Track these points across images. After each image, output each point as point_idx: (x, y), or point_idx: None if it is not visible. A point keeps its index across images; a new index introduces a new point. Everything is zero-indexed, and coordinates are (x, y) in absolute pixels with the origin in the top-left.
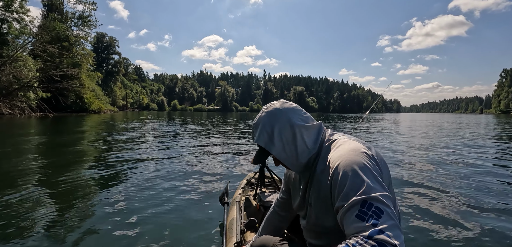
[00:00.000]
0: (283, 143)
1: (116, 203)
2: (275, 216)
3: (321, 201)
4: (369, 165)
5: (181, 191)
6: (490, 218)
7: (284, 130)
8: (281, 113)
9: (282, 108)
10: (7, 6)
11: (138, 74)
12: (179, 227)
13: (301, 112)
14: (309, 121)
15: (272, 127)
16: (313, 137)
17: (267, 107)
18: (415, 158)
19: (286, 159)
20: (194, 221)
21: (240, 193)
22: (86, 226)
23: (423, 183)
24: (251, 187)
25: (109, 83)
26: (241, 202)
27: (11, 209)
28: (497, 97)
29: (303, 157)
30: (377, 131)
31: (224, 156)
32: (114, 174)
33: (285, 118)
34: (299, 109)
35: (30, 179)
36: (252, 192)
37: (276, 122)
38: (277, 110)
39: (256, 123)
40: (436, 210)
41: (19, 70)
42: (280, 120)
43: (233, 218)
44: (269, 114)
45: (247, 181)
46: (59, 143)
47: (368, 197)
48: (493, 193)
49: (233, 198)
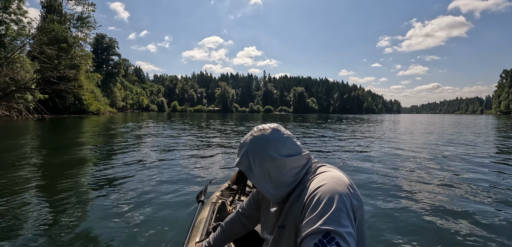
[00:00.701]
0: (264, 173)
1: (113, 203)
2: (238, 221)
3: (295, 225)
4: (346, 199)
5: (164, 189)
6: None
7: (266, 162)
8: (267, 143)
9: (270, 137)
10: (5, 8)
11: (138, 75)
12: (149, 222)
13: (290, 144)
14: (296, 153)
15: (254, 155)
16: (296, 171)
17: (256, 132)
18: (417, 160)
19: (264, 189)
20: (168, 217)
21: (218, 195)
22: (74, 227)
23: (427, 186)
24: (231, 192)
25: (108, 84)
26: (216, 204)
27: (7, 212)
28: (498, 98)
29: (281, 190)
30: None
31: (216, 157)
32: (105, 176)
33: (270, 149)
34: (289, 140)
35: (24, 182)
36: (231, 198)
37: (260, 151)
38: (264, 138)
39: (242, 144)
40: (440, 210)
41: (16, 71)
42: (264, 149)
43: (203, 218)
44: (255, 141)
45: (228, 185)
46: (54, 146)
47: (332, 231)
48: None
49: (210, 199)
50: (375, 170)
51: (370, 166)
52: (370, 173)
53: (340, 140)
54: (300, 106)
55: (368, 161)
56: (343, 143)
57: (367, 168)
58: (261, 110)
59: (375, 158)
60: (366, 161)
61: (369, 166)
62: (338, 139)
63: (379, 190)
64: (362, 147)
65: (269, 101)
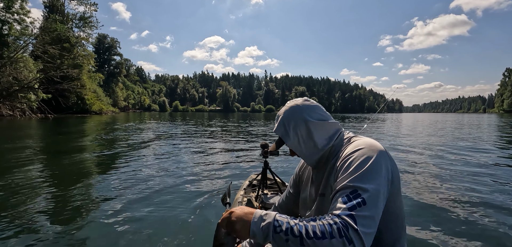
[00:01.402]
0: (298, 137)
1: (116, 203)
2: None
3: (332, 190)
4: (378, 160)
5: (184, 193)
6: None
7: (299, 126)
8: (299, 109)
9: (302, 105)
10: (8, 7)
11: (139, 75)
12: (179, 228)
13: (320, 111)
14: (327, 120)
15: (289, 121)
16: (327, 135)
17: (290, 103)
18: (421, 158)
19: (299, 151)
20: (196, 223)
21: (242, 194)
22: (76, 230)
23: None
24: (253, 189)
25: (110, 84)
26: (243, 203)
27: (10, 212)
28: (500, 96)
29: (315, 152)
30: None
31: (227, 157)
32: (115, 176)
33: (302, 115)
34: (318, 107)
35: (27, 182)
36: (254, 194)
37: (293, 117)
38: (297, 107)
39: (278, 115)
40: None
41: (19, 71)
42: (297, 115)
43: None
44: (289, 109)
45: (249, 182)
46: (58, 145)
47: (360, 188)
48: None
49: (235, 199)
50: None
51: None
52: None
53: None
54: None
55: None
56: None
57: None
58: (263, 109)
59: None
60: None
61: None
62: None
63: None
64: None
65: (270, 101)
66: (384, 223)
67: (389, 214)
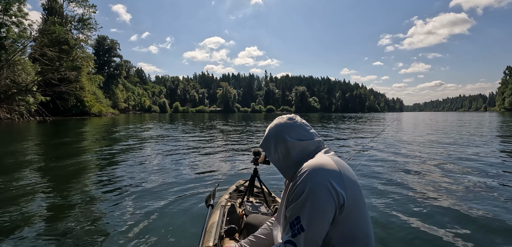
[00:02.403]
0: (278, 154)
1: (103, 206)
2: (270, 230)
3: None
4: (317, 188)
5: (171, 193)
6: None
7: (279, 144)
8: (282, 128)
9: (284, 123)
10: (5, 10)
11: (139, 77)
12: (159, 228)
13: (302, 130)
14: (306, 139)
15: (271, 139)
16: (301, 153)
17: (276, 120)
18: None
19: (279, 166)
20: (177, 222)
21: (226, 198)
22: (77, 232)
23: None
24: (239, 194)
25: (110, 86)
26: (225, 207)
27: (10, 214)
28: (501, 94)
29: (288, 169)
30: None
31: (219, 159)
32: (109, 180)
33: (282, 135)
34: (300, 127)
35: (26, 185)
36: (239, 200)
37: (275, 135)
38: (280, 125)
39: (266, 130)
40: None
41: (17, 74)
42: (278, 134)
43: (215, 222)
44: (274, 127)
45: (236, 187)
46: (56, 148)
47: (300, 215)
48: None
49: (219, 202)
50: (378, 170)
51: (373, 164)
52: (373, 172)
53: (345, 140)
54: (302, 106)
55: (372, 161)
56: (349, 142)
57: (369, 166)
58: (263, 110)
59: (379, 157)
60: (371, 160)
61: (372, 165)
62: (343, 139)
63: (384, 188)
64: (363, 147)
65: (271, 101)
66: (341, 244)
67: (343, 236)
